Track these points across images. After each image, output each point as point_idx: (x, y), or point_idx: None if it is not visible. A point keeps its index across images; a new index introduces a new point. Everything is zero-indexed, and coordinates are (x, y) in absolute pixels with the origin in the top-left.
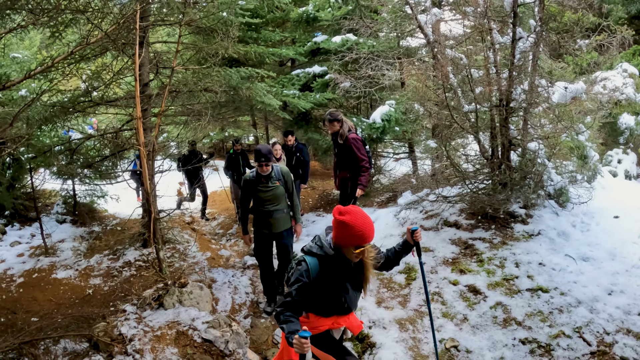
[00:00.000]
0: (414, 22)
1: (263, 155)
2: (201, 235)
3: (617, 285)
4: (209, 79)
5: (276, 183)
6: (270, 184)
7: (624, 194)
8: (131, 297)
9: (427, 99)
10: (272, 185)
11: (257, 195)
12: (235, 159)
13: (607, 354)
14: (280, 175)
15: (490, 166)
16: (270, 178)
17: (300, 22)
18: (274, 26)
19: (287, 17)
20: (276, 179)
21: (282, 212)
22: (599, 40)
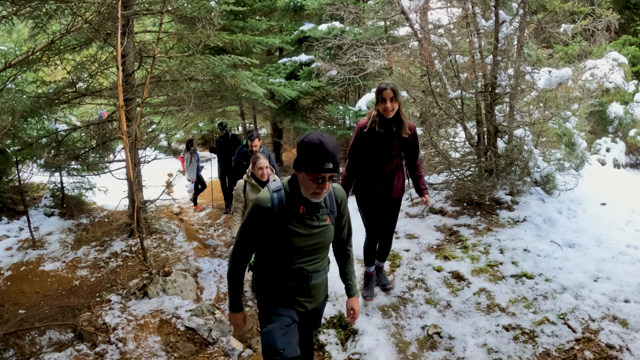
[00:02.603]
0: (398, 7)
1: (328, 156)
2: (189, 226)
3: (603, 271)
4: (193, 67)
5: (326, 219)
6: (319, 221)
7: (612, 182)
8: (117, 287)
9: (412, 86)
10: (322, 225)
11: (288, 239)
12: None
13: (593, 340)
14: (334, 204)
15: (477, 153)
16: (319, 209)
17: (287, 11)
18: (261, 15)
19: (274, 5)
20: (327, 210)
21: (324, 273)
22: (584, 25)
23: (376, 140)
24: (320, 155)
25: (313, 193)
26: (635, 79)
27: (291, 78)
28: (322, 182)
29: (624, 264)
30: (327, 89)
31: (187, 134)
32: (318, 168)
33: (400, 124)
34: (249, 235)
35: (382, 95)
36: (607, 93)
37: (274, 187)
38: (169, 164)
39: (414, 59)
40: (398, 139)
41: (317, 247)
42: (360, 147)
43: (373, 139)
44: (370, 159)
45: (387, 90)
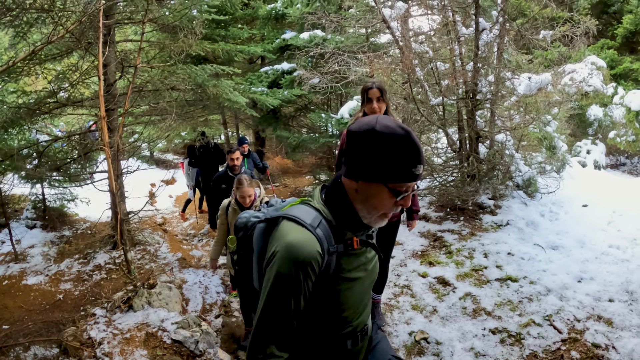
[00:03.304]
0: (379, 15)
1: (420, 155)
2: (173, 236)
3: (587, 272)
4: (175, 76)
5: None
6: (371, 249)
7: (593, 184)
8: (101, 301)
9: (394, 93)
10: (373, 254)
11: (344, 295)
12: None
13: (579, 340)
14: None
15: (459, 158)
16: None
17: (269, 19)
18: (243, 23)
19: (256, 14)
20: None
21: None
22: (563, 31)
23: None
24: (411, 154)
25: (383, 214)
26: (613, 81)
27: (273, 86)
28: (405, 197)
29: (607, 264)
30: (309, 97)
31: (170, 144)
32: (408, 175)
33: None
34: (287, 317)
35: (367, 94)
36: (586, 96)
37: (309, 219)
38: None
39: (396, 67)
40: None
41: (371, 285)
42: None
43: None
44: None
45: (373, 89)
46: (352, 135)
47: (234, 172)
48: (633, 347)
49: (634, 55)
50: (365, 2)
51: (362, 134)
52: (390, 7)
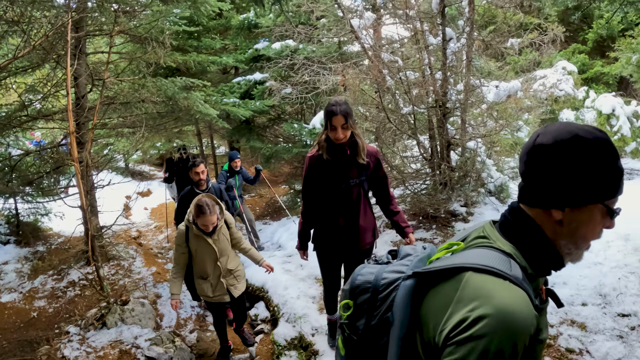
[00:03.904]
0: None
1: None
2: (147, 250)
3: (560, 276)
4: (145, 89)
5: None
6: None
7: None
8: (75, 318)
9: (363, 103)
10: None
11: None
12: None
13: (552, 346)
14: None
15: (430, 166)
16: None
17: (242, 29)
18: (216, 33)
19: (228, 24)
20: None
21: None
22: (531, 38)
23: (327, 170)
24: (619, 160)
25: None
26: (585, 85)
27: (246, 97)
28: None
29: (580, 267)
30: (282, 107)
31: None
32: (621, 184)
33: (354, 146)
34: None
35: (331, 122)
36: (557, 101)
37: (509, 270)
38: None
39: (366, 76)
40: (355, 165)
41: None
42: (312, 183)
43: (324, 168)
44: (324, 194)
45: (337, 116)
46: (548, 151)
47: (200, 187)
48: (607, 350)
49: (604, 59)
50: (335, 12)
51: (564, 146)
52: (359, 17)
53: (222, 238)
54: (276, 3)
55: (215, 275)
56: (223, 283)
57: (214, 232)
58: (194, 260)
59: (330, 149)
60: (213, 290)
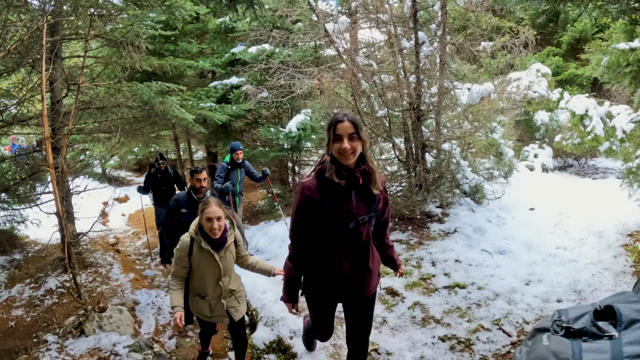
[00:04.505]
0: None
1: None
2: (125, 256)
3: (535, 274)
4: (121, 94)
5: None
6: None
7: (540, 187)
8: (53, 327)
9: (337, 106)
10: None
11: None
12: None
13: None
14: None
15: (406, 168)
16: None
17: (219, 33)
18: (193, 37)
19: (205, 27)
20: None
21: None
22: (503, 41)
23: (334, 201)
24: None
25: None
26: (559, 87)
27: (222, 101)
28: None
29: (555, 265)
30: (259, 111)
31: (123, 160)
32: None
33: (366, 175)
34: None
35: (335, 129)
36: (532, 102)
37: None
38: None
39: (341, 79)
40: (367, 198)
41: None
42: (308, 221)
43: (330, 198)
44: (326, 233)
45: (343, 122)
46: None
47: (199, 195)
48: None
49: (578, 61)
50: (310, 17)
51: None
52: (334, 21)
53: (229, 256)
54: (250, 8)
55: (215, 295)
56: (223, 304)
57: (222, 247)
58: (192, 276)
59: (340, 173)
60: (211, 310)
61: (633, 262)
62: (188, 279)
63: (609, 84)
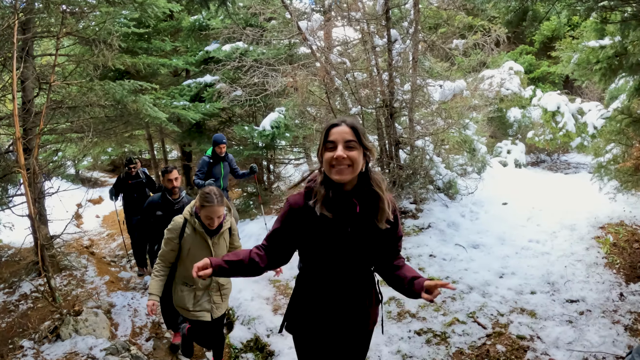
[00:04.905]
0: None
1: None
2: (100, 259)
3: (508, 267)
4: (93, 93)
5: None
6: None
7: (513, 182)
8: (29, 332)
9: (311, 104)
10: None
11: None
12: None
13: (503, 334)
14: None
15: (380, 165)
16: None
17: (193, 31)
18: (166, 35)
19: (179, 25)
20: None
21: None
22: (475, 39)
23: (322, 234)
24: None
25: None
26: (532, 85)
27: (196, 100)
28: None
29: (528, 258)
30: (233, 110)
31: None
32: None
33: (370, 203)
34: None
35: (328, 135)
36: (505, 100)
37: None
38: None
39: (314, 77)
40: (369, 236)
41: None
42: (289, 239)
43: (316, 230)
44: (315, 266)
45: (340, 126)
46: None
47: (174, 196)
48: (557, 335)
49: (551, 59)
50: (283, 14)
51: None
52: (307, 19)
53: (222, 244)
54: (222, 5)
55: (202, 286)
56: (208, 298)
57: (217, 232)
58: (181, 261)
59: (328, 201)
60: (194, 302)
61: (605, 254)
62: (176, 265)
63: (579, 80)
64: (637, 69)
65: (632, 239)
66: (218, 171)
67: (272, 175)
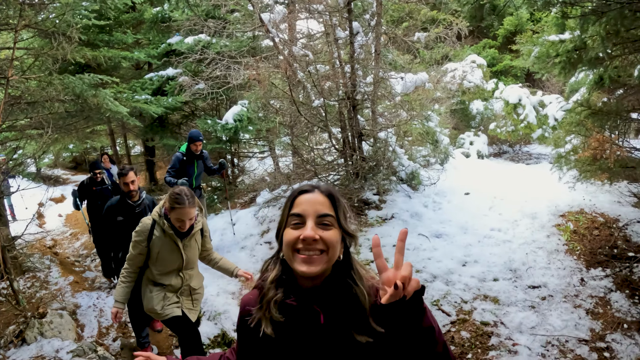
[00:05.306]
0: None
1: None
2: (64, 259)
3: (471, 256)
4: (53, 87)
5: None
6: None
7: (476, 172)
8: None
9: (273, 96)
10: None
11: None
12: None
13: (467, 321)
14: None
15: (343, 157)
16: None
17: (155, 23)
18: (128, 27)
19: (142, 17)
20: None
21: None
22: (437, 32)
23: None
24: None
25: None
26: (494, 78)
27: (158, 93)
28: None
29: (490, 246)
30: (196, 103)
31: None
32: None
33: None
34: None
35: (294, 205)
36: (468, 92)
37: None
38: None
39: (277, 70)
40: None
41: None
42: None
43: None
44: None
45: (311, 193)
46: None
47: (134, 199)
48: (520, 320)
49: (513, 53)
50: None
51: None
52: (270, 11)
53: (194, 245)
54: None
55: (173, 288)
56: (178, 300)
57: (187, 234)
58: (151, 262)
59: (285, 308)
60: (164, 304)
61: (565, 241)
62: (143, 268)
63: (539, 73)
64: (596, 62)
65: (592, 226)
66: (191, 170)
67: (236, 169)
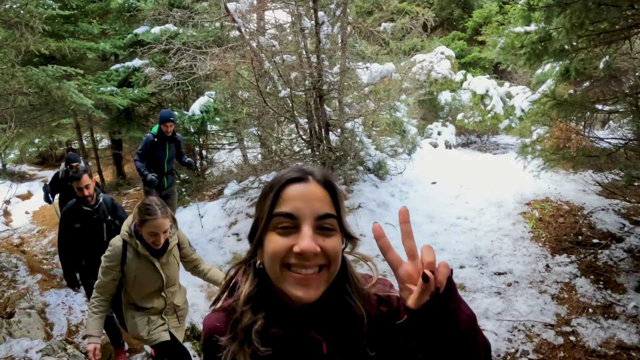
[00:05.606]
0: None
1: None
2: (32, 257)
3: (437, 244)
4: (15, 80)
5: None
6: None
7: (443, 162)
8: None
9: (240, 87)
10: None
11: None
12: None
13: None
14: None
15: (310, 147)
16: None
17: (122, 13)
18: (94, 17)
19: (108, 7)
20: None
21: None
22: (403, 23)
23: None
24: None
25: None
26: (463, 69)
27: (124, 85)
28: None
29: (456, 234)
30: (163, 95)
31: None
32: None
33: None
34: None
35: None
36: (435, 83)
37: None
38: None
39: (243, 60)
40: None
41: None
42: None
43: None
44: None
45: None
46: None
47: (89, 203)
48: (487, 306)
49: (482, 45)
50: None
51: None
52: (236, 1)
53: (172, 262)
54: None
55: (156, 310)
56: (164, 322)
57: (164, 251)
58: (128, 286)
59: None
60: (149, 330)
61: (531, 228)
62: (119, 290)
63: (504, 64)
64: (562, 54)
65: (557, 214)
66: (162, 153)
67: (204, 161)
